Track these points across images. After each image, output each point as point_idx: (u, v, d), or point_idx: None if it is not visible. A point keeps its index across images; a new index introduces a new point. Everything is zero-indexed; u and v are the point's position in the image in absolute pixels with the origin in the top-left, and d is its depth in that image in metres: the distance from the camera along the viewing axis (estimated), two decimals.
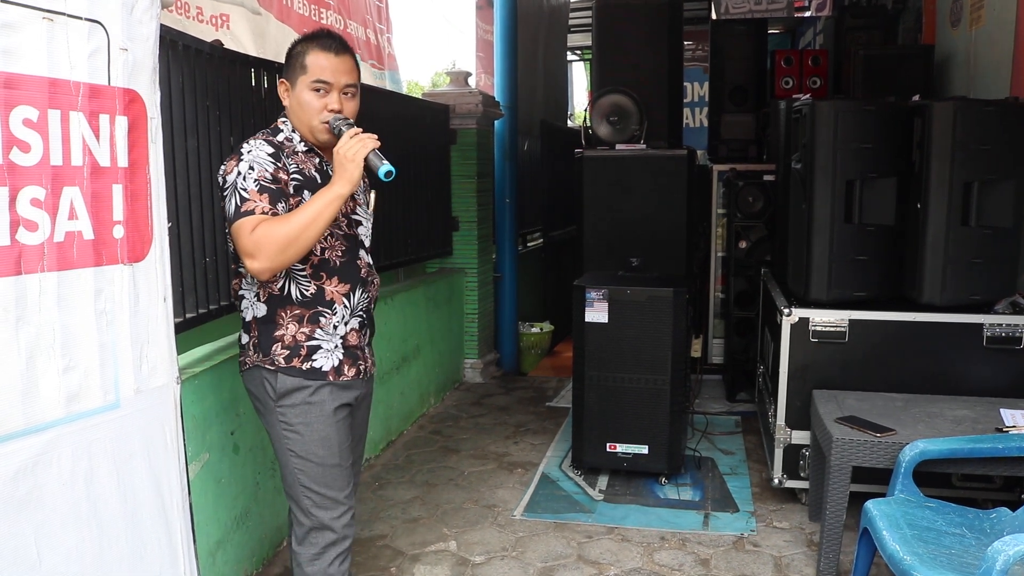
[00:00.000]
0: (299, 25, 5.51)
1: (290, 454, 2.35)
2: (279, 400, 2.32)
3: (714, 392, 5.69)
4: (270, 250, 2.12)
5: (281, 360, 2.31)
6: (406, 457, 4.52)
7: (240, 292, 2.38)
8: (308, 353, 2.32)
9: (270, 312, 2.32)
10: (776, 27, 9.85)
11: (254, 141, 2.27)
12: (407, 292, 5.02)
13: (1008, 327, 3.44)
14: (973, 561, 2.34)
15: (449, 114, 5.75)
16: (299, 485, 2.36)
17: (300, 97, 2.29)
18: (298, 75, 2.30)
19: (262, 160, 2.21)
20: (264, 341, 2.32)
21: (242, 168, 2.19)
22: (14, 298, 1.54)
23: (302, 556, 2.39)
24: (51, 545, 1.63)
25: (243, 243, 2.14)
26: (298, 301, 2.32)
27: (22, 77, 1.53)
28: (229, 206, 2.18)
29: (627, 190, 4.77)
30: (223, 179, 2.22)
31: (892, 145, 3.56)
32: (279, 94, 2.37)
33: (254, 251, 2.12)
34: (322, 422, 2.34)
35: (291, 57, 2.33)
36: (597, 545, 3.47)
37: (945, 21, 5.28)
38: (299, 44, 2.33)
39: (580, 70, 13.13)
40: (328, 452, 2.35)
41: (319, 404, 2.34)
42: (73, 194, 1.65)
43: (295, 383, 2.31)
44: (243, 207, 2.15)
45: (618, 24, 4.97)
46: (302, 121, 2.32)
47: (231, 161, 2.23)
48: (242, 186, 2.16)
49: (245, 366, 2.39)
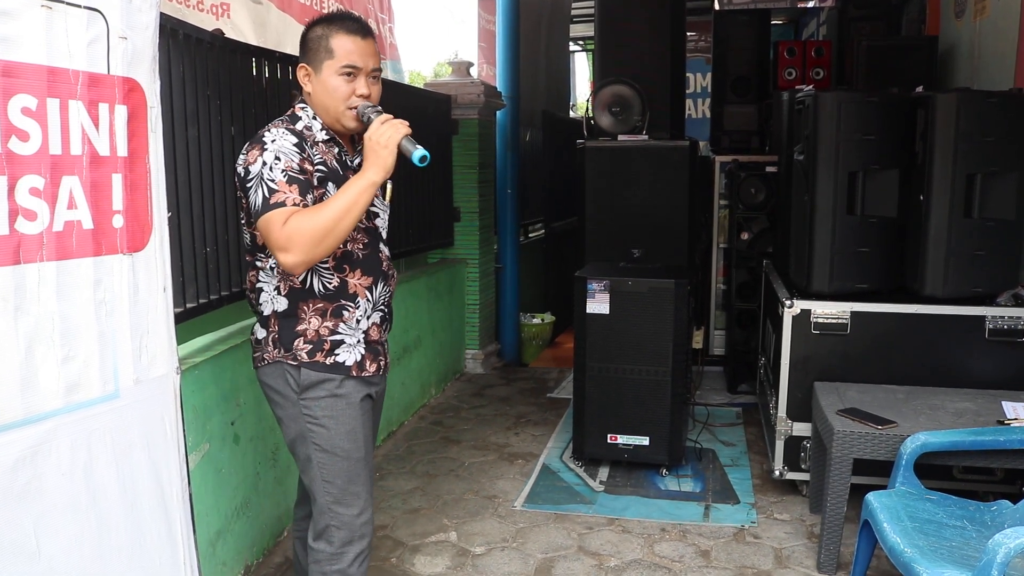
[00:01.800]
0: (300, 14, 5.49)
1: (314, 448, 2.27)
2: (303, 393, 2.25)
3: (715, 384, 5.69)
4: (304, 243, 2.03)
5: (304, 355, 2.23)
6: (407, 448, 4.53)
7: (258, 285, 2.29)
8: (331, 348, 2.25)
9: (291, 306, 2.24)
10: (779, 18, 9.81)
11: (276, 130, 2.17)
12: (408, 283, 5.02)
13: (1010, 319, 3.43)
14: (974, 554, 2.34)
15: (451, 104, 5.74)
16: (321, 480, 2.29)
17: (327, 83, 2.21)
18: (323, 59, 2.20)
19: (288, 150, 2.12)
20: (285, 336, 2.24)
21: (267, 158, 2.10)
22: (13, 288, 1.53)
23: (321, 552, 2.32)
24: (50, 535, 1.63)
25: (275, 236, 2.04)
26: (321, 294, 2.24)
27: (21, 65, 1.52)
28: (255, 198, 2.08)
29: (629, 181, 4.77)
30: (245, 169, 2.13)
31: (895, 137, 3.54)
32: (299, 79, 2.26)
33: (287, 244, 2.03)
34: (349, 415, 2.28)
35: (312, 40, 2.22)
36: (598, 536, 3.47)
37: (949, 12, 5.25)
38: (320, 27, 2.23)
39: (582, 60, 13.09)
40: (354, 445, 2.30)
41: (346, 396, 2.27)
42: (72, 183, 1.64)
43: (319, 376, 2.24)
44: (272, 199, 2.05)
45: (620, 14, 4.96)
46: (328, 107, 2.23)
47: (253, 150, 2.13)
48: (269, 177, 2.07)
49: (263, 362, 2.29)
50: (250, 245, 2.30)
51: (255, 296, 2.32)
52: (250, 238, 2.28)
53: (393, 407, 4.77)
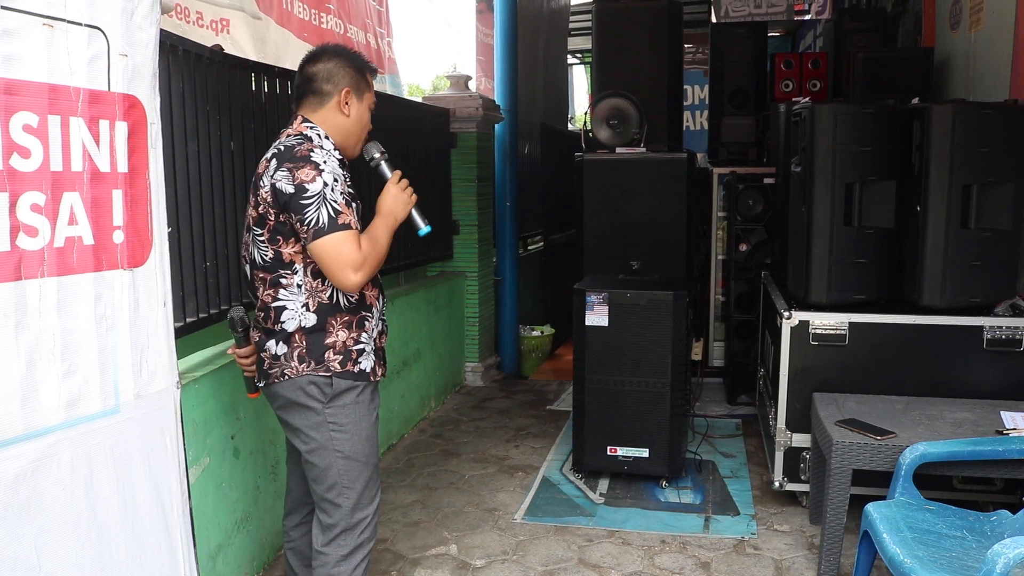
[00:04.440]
0: (299, 29, 5.52)
1: (337, 455, 2.38)
2: (330, 402, 2.36)
3: (715, 395, 5.69)
4: (375, 266, 2.27)
5: (336, 365, 2.35)
6: (407, 461, 4.52)
7: (277, 304, 2.33)
8: (356, 356, 2.39)
9: (320, 321, 2.33)
10: (776, 30, 9.86)
11: (321, 151, 2.27)
12: (407, 295, 5.03)
13: (1008, 329, 3.44)
14: (973, 564, 2.34)
15: (449, 118, 5.76)
16: (341, 486, 2.40)
17: (363, 114, 2.43)
18: (364, 92, 2.42)
19: (339, 173, 2.28)
20: (315, 350, 2.33)
21: (327, 179, 2.21)
22: (14, 303, 1.54)
23: (331, 556, 2.43)
24: (51, 550, 1.63)
25: (350, 256, 2.19)
26: (346, 308, 2.37)
27: (22, 83, 1.54)
28: (318, 216, 2.18)
29: (627, 193, 4.78)
30: (298, 187, 2.19)
31: (891, 148, 3.56)
32: (342, 100, 2.38)
33: (362, 264, 2.21)
34: (367, 420, 2.43)
35: (354, 71, 2.40)
36: (598, 548, 3.47)
37: (944, 24, 5.28)
38: (359, 61, 2.43)
39: (580, 73, 13.16)
40: (371, 450, 2.45)
41: (364, 403, 2.42)
42: (73, 199, 1.65)
43: (348, 384, 2.37)
44: (339, 219, 2.19)
45: (618, 27, 4.98)
46: (351, 135, 2.41)
47: (304, 168, 2.21)
48: (332, 198, 2.20)
49: (284, 377, 2.34)
50: (270, 262, 2.32)
51: (274, 315, 2.34)
52: (272, 255, 2.31)
53: (393, 420, 4.77)
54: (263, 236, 2.30)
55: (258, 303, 2.40)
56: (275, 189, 2.22)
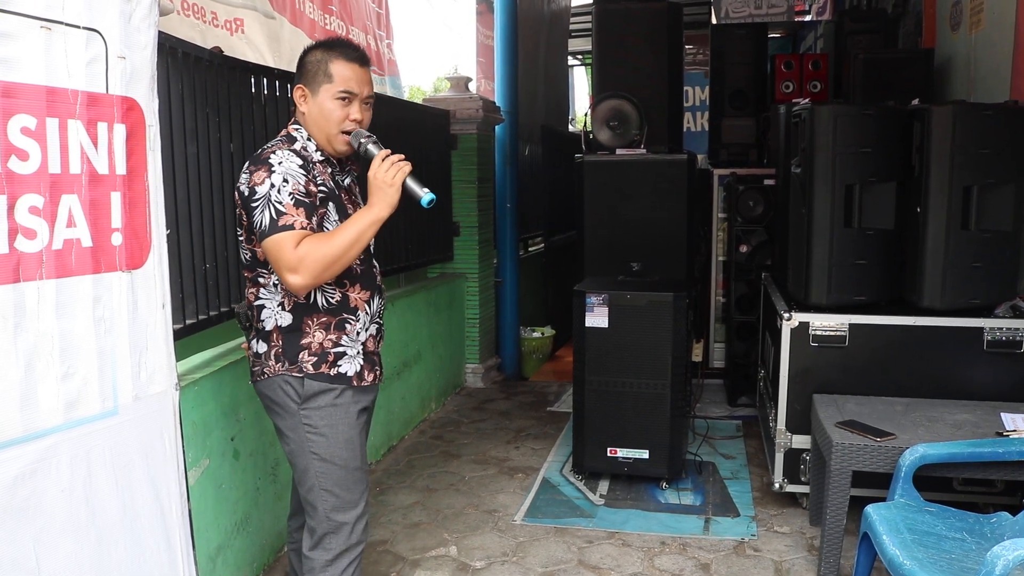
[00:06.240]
0: (311, 29, 5.54)
1: (313, 457, 2.35)
2: (304, 403, 2.33)
3: (715, 396, 5.69)
4: (315, 268, 2.15)
5: (309, 367, 2.32)
6: (407, 462, 4.52)
7: (259, 302, 2.36)
8: (335, 359, 2.34)
9: (296, 321, 2.32)
10: (776, 31, 9.84)
11: (281, 152, 2.24)
12: (408, 297, 5.03)
13: (1008, 331, 3.43)
14: (973, 566, 2.34)
15: (450, 119, 5.76)
16: (320, 489, 2.37)
17: (323, 105, 2.30)
18: (321, 83, 2.30)
19: (295, 172, 2.21)
20: (289, 349, 2.32)
21: (275, 180, 2.18)
22: (12, 306, 1.54)
23: (316, 561, 2.40)
24: (49, 552, 1.63)
25: (285, 258, 2.14)
26: (324, 309, 2.33)
27: (20, 86, 1.54)
28: (262, 218, 2.16)
29: (627, 195, 4.78)
30: (251, 189, 2.19)
31: (892, 149, 3.56)
32: (295, 99, 2.35)
33: (297, 266, 2.13)
34: (346, 424, 2.37)
35: (310, 63, 2.32)
36: (598, 550, 3.47)
37: (945, 25, 5.28)
38: (319, 51, 2.32)
39: (581, 75, 13.15)
40: (351, 454, 2.38)
41: (344, 406, 2.36)
42: (71, 202, 1.65)
43: (321, 386, 2.33)
44: (280, 221, 2.15)
45: (618, 29, 4.98)
46: (321, 129, 2.32)
47: (259, 171, 2.20)
48: (277, 199, 2.16)
49: (263, 376, 2.36)
50: (250, 261, 2.35)
51: (254, 312, 2.38)
52: (250, 255, 2.34)
53: (393, 421, 4.77)
54: (242, 236, 2.34)
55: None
56: (238, 191, 2.26)
